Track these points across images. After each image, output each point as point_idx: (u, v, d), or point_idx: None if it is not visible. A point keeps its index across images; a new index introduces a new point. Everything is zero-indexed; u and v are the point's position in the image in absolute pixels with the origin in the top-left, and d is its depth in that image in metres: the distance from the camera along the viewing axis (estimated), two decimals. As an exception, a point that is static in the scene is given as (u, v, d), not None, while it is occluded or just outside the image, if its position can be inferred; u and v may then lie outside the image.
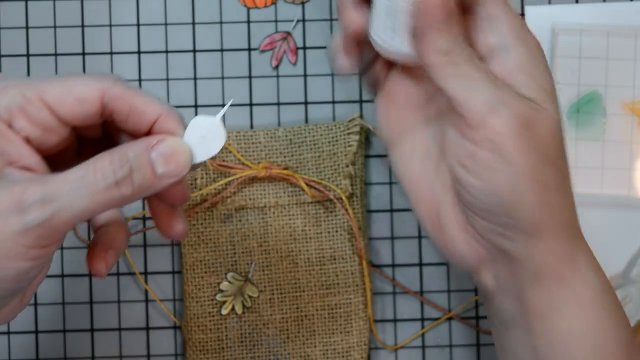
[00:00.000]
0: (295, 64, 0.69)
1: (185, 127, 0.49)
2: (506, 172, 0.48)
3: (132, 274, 0.68)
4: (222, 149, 0.51)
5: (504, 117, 0.48)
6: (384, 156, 0.69)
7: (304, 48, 0.69)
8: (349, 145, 0.67)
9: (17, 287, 0.48)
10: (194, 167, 0.49)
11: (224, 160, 0.67)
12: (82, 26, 0.68)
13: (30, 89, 0.48)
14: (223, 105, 0.68)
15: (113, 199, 0.47)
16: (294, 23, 0.69)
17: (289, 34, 0.69)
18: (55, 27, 0.68)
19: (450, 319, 0.69)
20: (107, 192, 0.46)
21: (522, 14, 0.69)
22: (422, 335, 0.69)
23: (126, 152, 0.47)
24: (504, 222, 0.49)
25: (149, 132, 0.49)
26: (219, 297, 0.67)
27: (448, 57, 0.49)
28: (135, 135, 0.49)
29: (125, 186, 0.47)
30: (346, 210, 0.66)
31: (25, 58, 0.68)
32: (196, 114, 0.68)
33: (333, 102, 0.69)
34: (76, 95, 0.48)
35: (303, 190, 0.67)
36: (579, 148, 0.68)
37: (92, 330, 0.68)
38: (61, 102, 0.48)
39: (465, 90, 0.48)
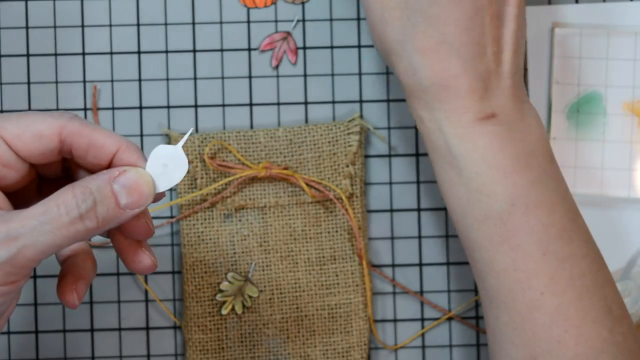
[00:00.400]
0: (295, 64, 0.69)
1: (145, 158, 0.50)
2: None
3: (132, 274, 0.68)
4: (184, 177, 0.51)
5: None
6: (384, 156, 0.69)
7: (304, 48, 0.69)
8: (349, 145, 0.67)
9: None
10: (158, 196, 0.50)
11: (224, 160, 0.67)
12: (82, 26, 0.68)
13: None
14: (223, 106, 0.68)
15: (78, 233, 0.47)
16: (294, 23, 0.69)
17: (289, 34, 0.69)
18: (55, 27, 0.68)
19: (450, 319, 0.69)
20: (72, 226, 0.46)
21: (522, 14, 0.69)
22: (422, 335, 0.69)
23: (88, 185, 0.47)
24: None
25: (109, 166, 0.50)
26: (219, 297, 0.67)
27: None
28: (95, 171, 0.50)
29: (89, 219, 0.47)
30: (346, 210, 0.66)
31: (25, 58, 0.68)
32: (196, 114, 0.68)
33: (333, 102, 0.69)
34: (34, 131, 0.49)
35: (303, 190, 0.67)
36: (579, 148, 0.68)
37: (92, 330, 0.68)
38: (19, 138, 0.49)
39: None
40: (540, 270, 0.55)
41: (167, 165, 0.49)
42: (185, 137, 0.51)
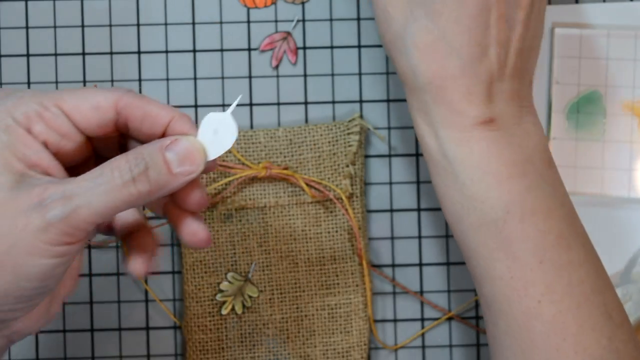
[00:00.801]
0: (295, 64, 0.69)
1: (197, 128, 0.51)
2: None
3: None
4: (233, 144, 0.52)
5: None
6: (384, 156, 0.69)
7: (304, 48, 0.69)
8: (349, 145, 0.67)
9: (44, 285, 0.48)
10: (209, 165, 0.51)
11: (224, 160, 0.67)
12: (82, 26, 0.68)
13: (46, 97, 0.50)
14: (223, 105, 0.68)
15: (131, 196, 0.48)
16: (294, 23, 0.69)
17: (289, 34, 0.69)
18: (55, 27, 0.68)
19: (450, 319, 0.69)
20: (125, 188, 0.48)
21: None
22: (422, 335, 0.69)
23: (141, 151, 0.49)
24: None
25: (163, 137, 0.51)
26: (219, 297, 0.67)
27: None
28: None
29: (141, 182, 0.48)
30: (346, 210, 0.66)
31: (25, 58, 0.68)
32: (196, 114, 0.68)
33: (333, 102, 0.69)
34: (92, 102, 0.50)
35: (303, 190, 0.67)
36: (579, 148, 0.68)
37: (92, 330, 0.68)
38: (77, 109, 0.50)
39: None
40: (537, 279, 0.54)
41: (218, 132, 0.51)
42: (235, 103, 0.52)
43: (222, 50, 0.69)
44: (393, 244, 0.69)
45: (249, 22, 0.69)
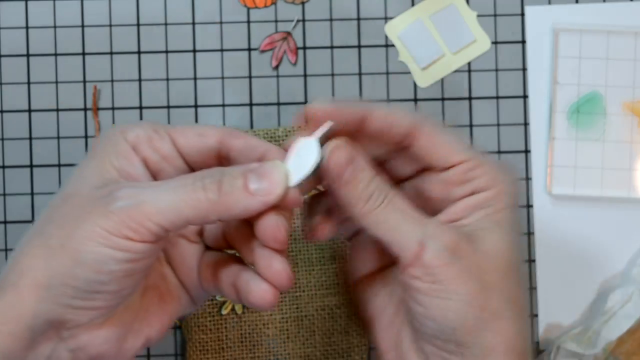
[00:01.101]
0: (295, 64, 0.69)
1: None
2: (451, 300, 0.49)
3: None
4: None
5: (434, 250, 0.49)
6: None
7: (304, 48, 0.69)
8: (349, 145, 0.67)
9: (98, 279, 0.47)
10: (293, 197, 0.49)
11: (224, 160, 0.67)
12: (82, 26, 0.68)
13: (162, 126, 0.52)
14: (223, 105, 0.68)
15: (199, 201, 0.47)
16: (294, 23, 0.69)
17: (289, 34, 0.69)
18: (55, 27, 0.68)
19: (450, 319, 0.69)
20: (193, 192, 0.47)
21: (522, 14, 0.69)
22: (422, 335, 0.69)
23: (222, 168, 0.49)
24: (450, 348, 0.50)
25: None
26: (218, 297, 0.67)
27: (367, 205, 0.50)
28: None
29: (211, 191, 0.47)
30: (346, 210, 0.66)
31: (25, 58, 0.68)
32: (196, 114, 0.68)
33: (333, 102, 0.69)
34: (198, 130, 0.51)
35: (303, 190, 0.67)
36: (579, 148, 0.68)
37: (92, 330, 0.68)
38: (183, 133, 0.51)
39: (393, 233, 0.50)
40: None
41: (301, 157, 0.49)
42: (323, 128, 0.50)
43: (222, 50, 0.69)
44: (393, 244, 0.69)
45: (249, 22, 0.69)
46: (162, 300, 0.52)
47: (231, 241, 0.53)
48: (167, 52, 0.68)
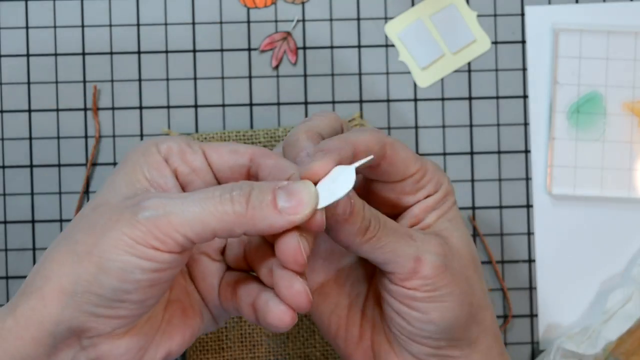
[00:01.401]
0: (295, 64, 0.69)
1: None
2: (447, 302, 0.52)
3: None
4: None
5: (431, 262, 0.51)
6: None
7: (304, 48, 0.69)
8: (349, 145, 0.67)
9: (123, 287, 0.47)
10: (318, 220, 0.48)
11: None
12: (82, 26, 0.68)
13: (196, 142, 0.52)
14: (223, 105, 0.68)
15: (226, 214, 0.47)
16: (294, 23, 0.69)
17: (289, 34, 0.69)
18: (55, 27, 0.68)
19: (450, 319, 0.69)
20: (220, 205, 0.47)
21: (522, 14, 0.69)
22: (422, 335, 0.69)
23: (252, 182, 0.49)
24: (441, 344, 0.53)
25: None
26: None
27: (367, 235, 0.50)
28: None
29: (239, 204, 0.47)
30: (346, 210, 0.66)
31: (25, 58, 0.68)
32: (196, 114, 0.68)
33: (333, 102, 0.69)
34: (231, 147, 0.52)
35: (303, 190, 0.67)
36: (579, 148, 0.68)
37: (92, 330, 0.68)
38: (216, 149, 0.52)
39: (390, 254, 0.51)
40: None
41: (336, 182, 0.49)
42: (364, 160, 0.49)
43: (222, 50, 0.69)
44: (393, 244, 0.69)
45: (249, 22, 0.69)
46: (185, 314, 0.52)
47: (251, 262, 0.53)
48: (167, 52, 0.68)
